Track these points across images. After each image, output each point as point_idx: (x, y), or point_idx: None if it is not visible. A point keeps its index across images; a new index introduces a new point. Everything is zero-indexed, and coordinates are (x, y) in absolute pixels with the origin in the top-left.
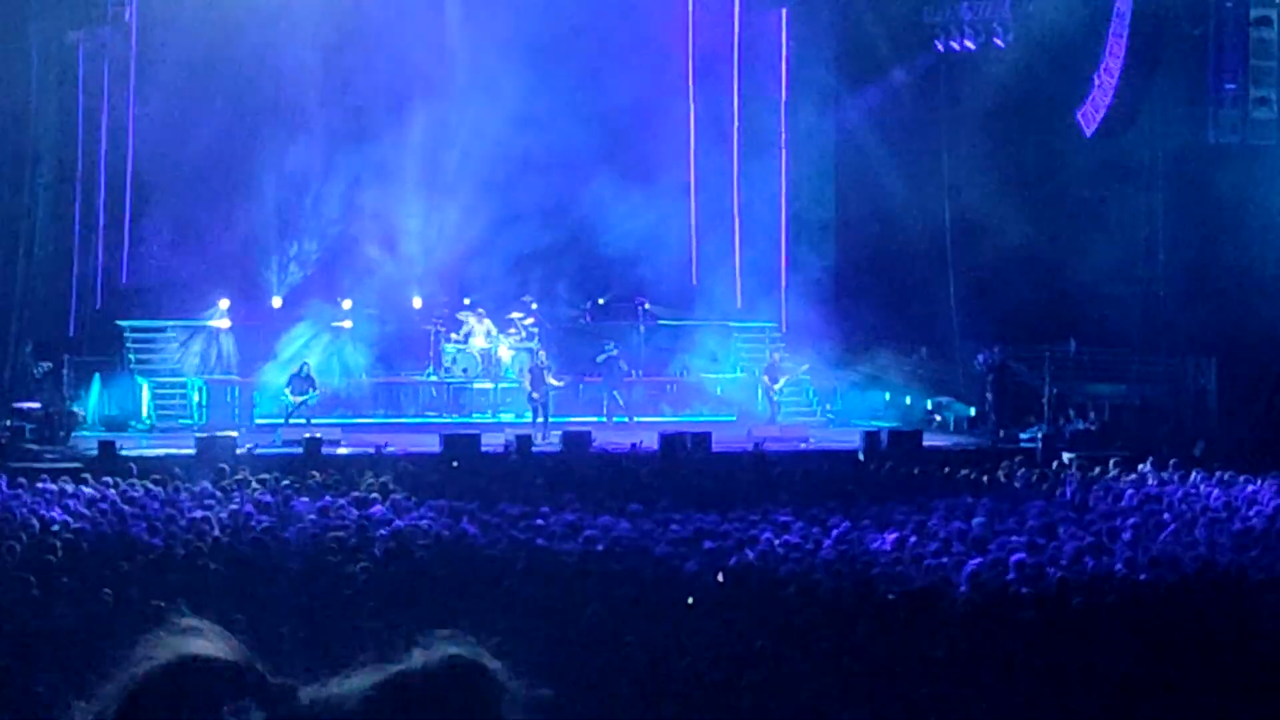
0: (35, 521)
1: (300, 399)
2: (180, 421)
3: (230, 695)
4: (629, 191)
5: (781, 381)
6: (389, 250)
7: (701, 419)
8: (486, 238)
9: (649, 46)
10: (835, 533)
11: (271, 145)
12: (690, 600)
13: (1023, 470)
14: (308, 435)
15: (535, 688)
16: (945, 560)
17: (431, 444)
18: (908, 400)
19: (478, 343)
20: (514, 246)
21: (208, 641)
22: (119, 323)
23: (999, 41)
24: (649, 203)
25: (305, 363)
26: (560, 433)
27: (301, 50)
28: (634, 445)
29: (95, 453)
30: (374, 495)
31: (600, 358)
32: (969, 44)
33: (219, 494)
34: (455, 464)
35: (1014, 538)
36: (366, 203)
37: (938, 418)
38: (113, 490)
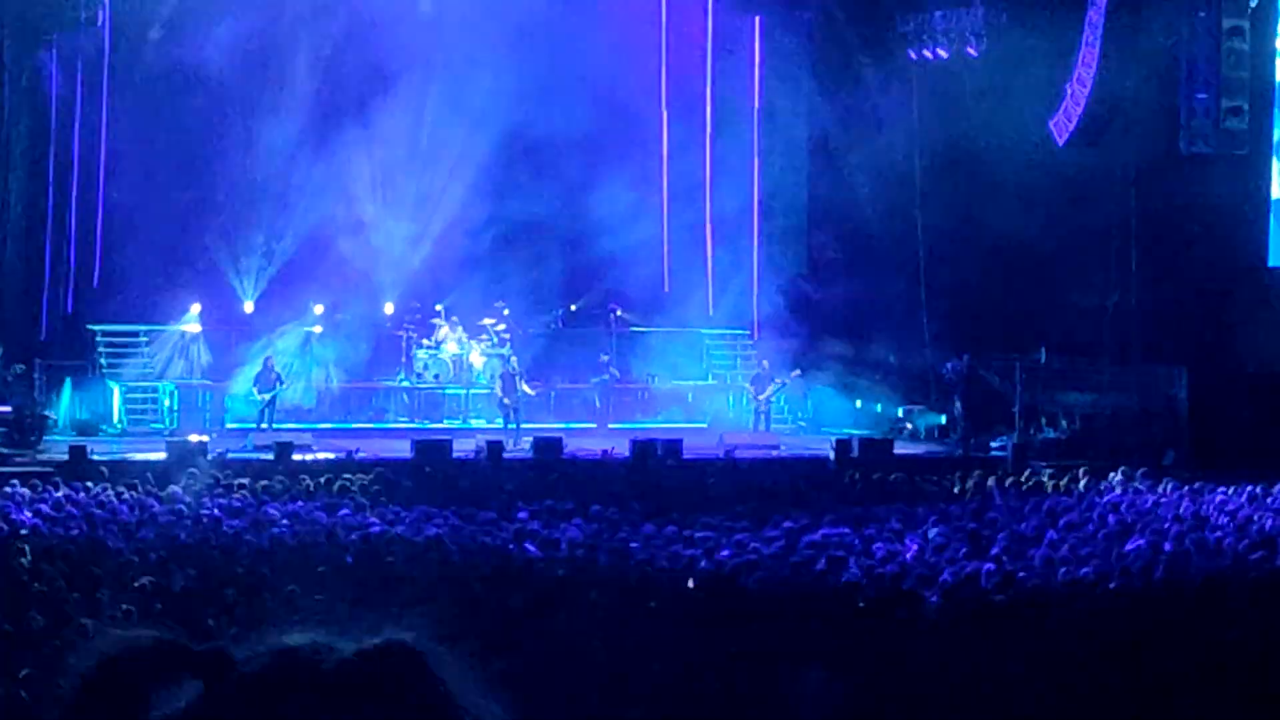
0: (4, 525)
1: (267, 395)
2: (151, 426)
3: (162, 674)
4: (601, 199)
5: (769, 390)
6: (361, 256)
7: (673, 425)
8: (459, 244)
9: (622, 54)
10: (804, 540)
11: (244, 150)
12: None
13: (992, 479)
14: (279, 440)
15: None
16: (915, 568)
17: (403, 449)
18: (878, 408)
19: (450, 349)
20: (486, 253)
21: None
22: (90, 327)
23: (971, 50)
24: (621, 210)
25: (268, 358)
26: (531, 439)
27: (276, 55)
28: (605, 452)
29: (66, 457)
30: (345, 500)
31: (599, 377)
32: (941, 53)
33: (189, 499)
34: (427, 470)
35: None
36: (339, 209)
37: (908, 426)
38: (83, 494)
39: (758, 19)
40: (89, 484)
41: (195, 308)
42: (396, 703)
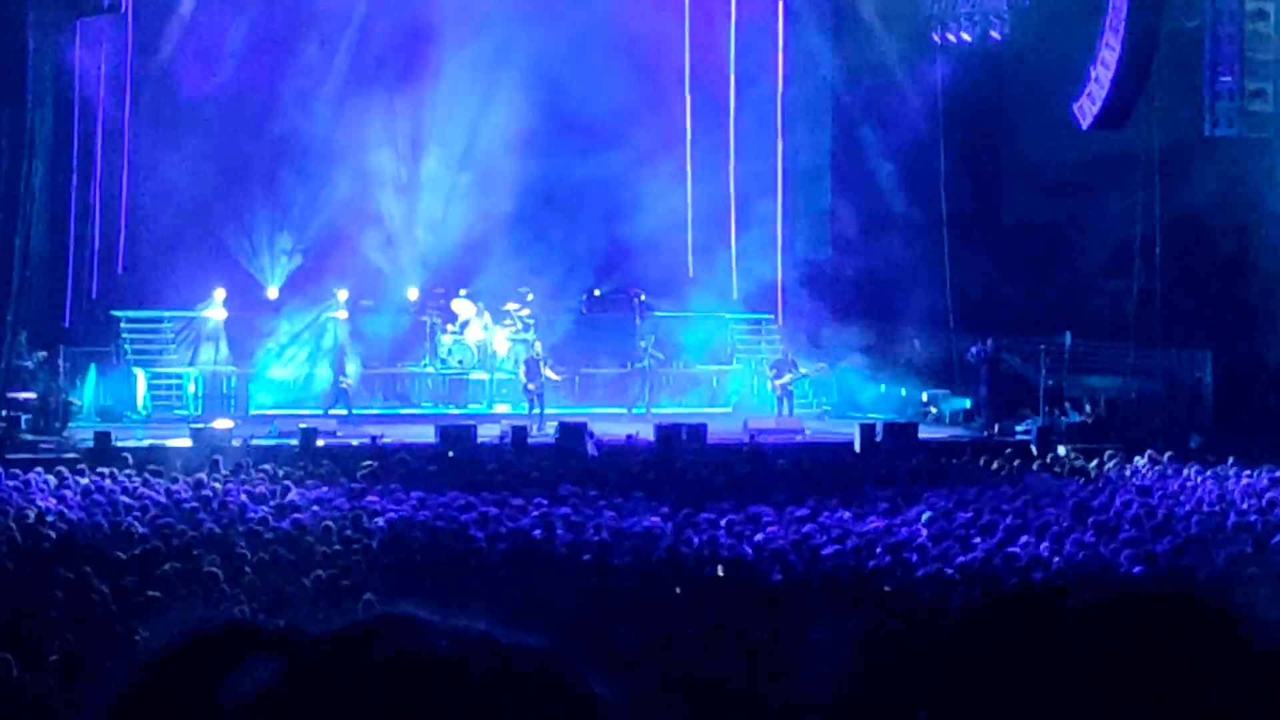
0: (30, 512)
1: (346, 381)
2: (175, 412)
3: (238, 654)
4: (626, 183)
5: (787, 378)
6: (385, 241)
7: (697, 410)
8: (483, 229)
9: (646, 37)
10: (830, 523)
11: (268, 135)
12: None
13: (1018, 462)
14: (303, 426)
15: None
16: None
17: (427, 435)
18: (903, 393)
19: (473, 334)
20: (510, 238)
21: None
22: (115, 313)
23: (995, 34)
24: (646, 194)
25: (341, 346)
26: (556, 424)
27: (299, 38)
28: (630, 437)
29: (91, 443)
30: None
31: (643, 362)
32: (966, 36)
33: (214, 485)
34: (451, 454)
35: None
36: (363, 194)
37: (933, 410)
38: (108, 481)
39: (780, 2)
40: (114, 470)
41: (219, 294)
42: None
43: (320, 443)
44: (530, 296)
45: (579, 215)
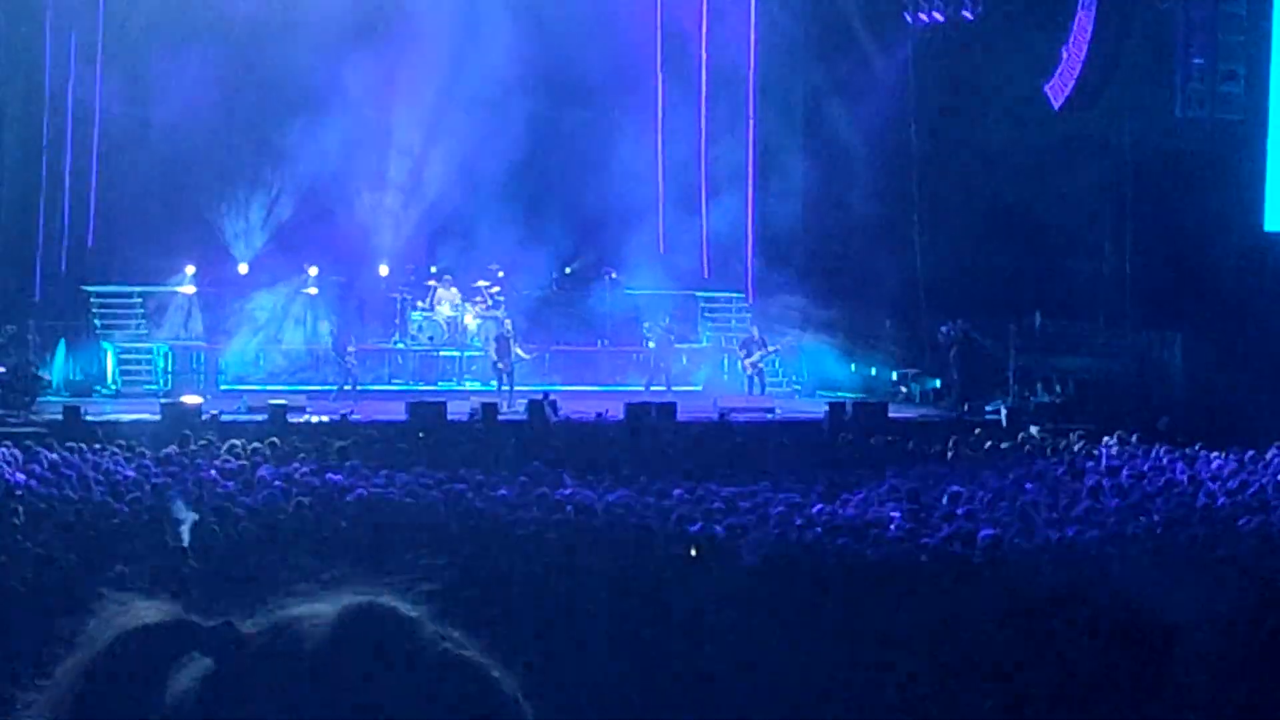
0: None
1: (351, 359)
2: (145, 387)
3: (174, 653)
4: (596, 161)
5: (756, 356)
6: (356, 218)
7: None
8: (454, 205)
9: (618, 14)
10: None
11: (238, 110)
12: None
13: (988, 442)
14: (272, 402)
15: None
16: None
17: (397, 411)
18: (873, 372)
19: (444, 311)
20: (481, 214)
21: (140, 612)
22: (84, 287)
23: (967, 14)
24: (617, 173)
25: (339, 321)
26: (525, 401)
27: (269, 14)
28: (599, 414)
29: (60, 418)
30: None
31: (651, 343)
32: (938, 15)
33: (184, 460)
34: (421, 435)
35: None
36: (333, 170)
37: (903, 389)
38: (76, 456)
39: None
40: (83, 445)
41: (190, 269)
42: (388, 667)
43: (290, 419)
44: (501, 274)
45: (551, 192)
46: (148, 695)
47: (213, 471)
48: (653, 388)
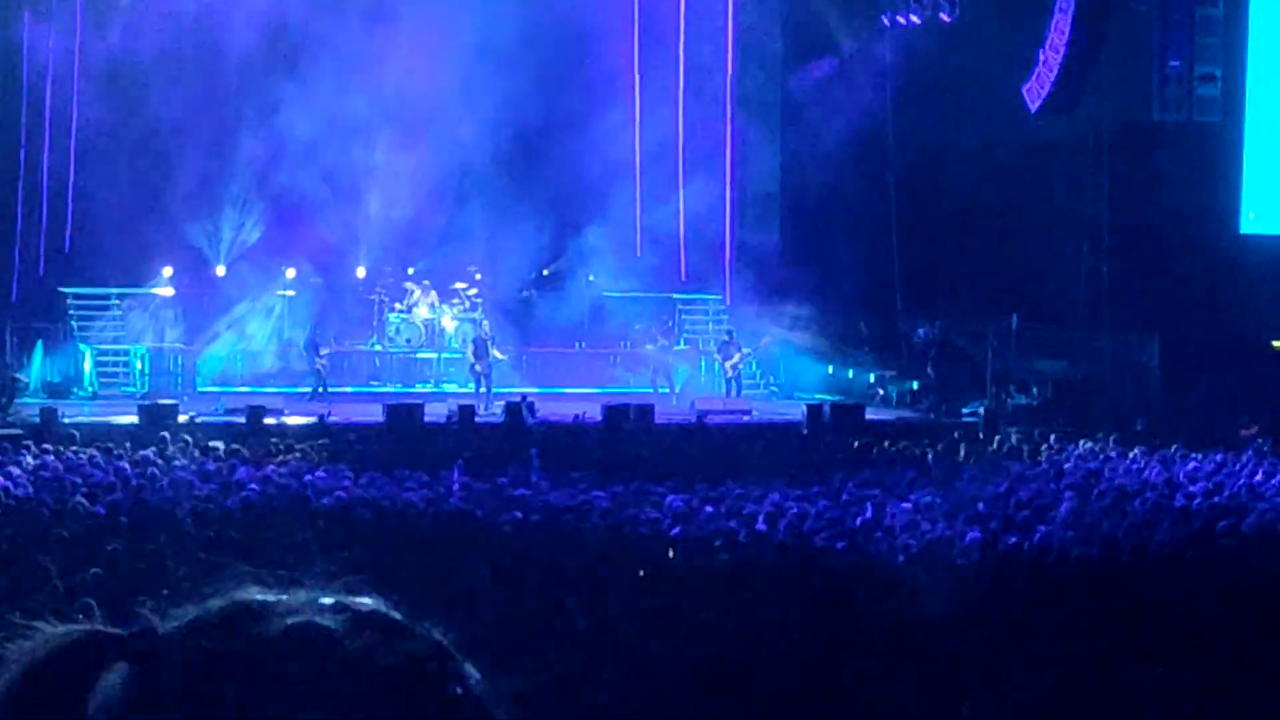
0: None
1: (322, 361)
2: (123, 389)
3: (96, 665)
4: (574, 164)
5: (735, 358)
6: (333, 220)
7: (645, 390)
8: (431, 208)
9: (595, 16)
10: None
11: (215, 114)
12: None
13: (964, 445)
14: (250, 404)
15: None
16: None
17: (375, 414)
18: (850, 374)
19: (421, 313)
20: (458, 217)
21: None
22: (62, 290)
23: (945, 16)
24: (594, 175)
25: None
26: (503, 403)
27: (248, 21)
28: (577, 416)
29: (37, 420)
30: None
31: (650, 346)
32: (914, 18)
33: (161, 462)
34: (398, 435)
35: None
36: (311, 172)
37: (880, 391)
38: (53, 458)
39: None
40: (60, 447)
41: (167, 271)
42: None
43: (268, 421)
44: (479, 276)
45: (528, 196)
46: (74, 713)
47: (189, 474)
48: (659, 390)
